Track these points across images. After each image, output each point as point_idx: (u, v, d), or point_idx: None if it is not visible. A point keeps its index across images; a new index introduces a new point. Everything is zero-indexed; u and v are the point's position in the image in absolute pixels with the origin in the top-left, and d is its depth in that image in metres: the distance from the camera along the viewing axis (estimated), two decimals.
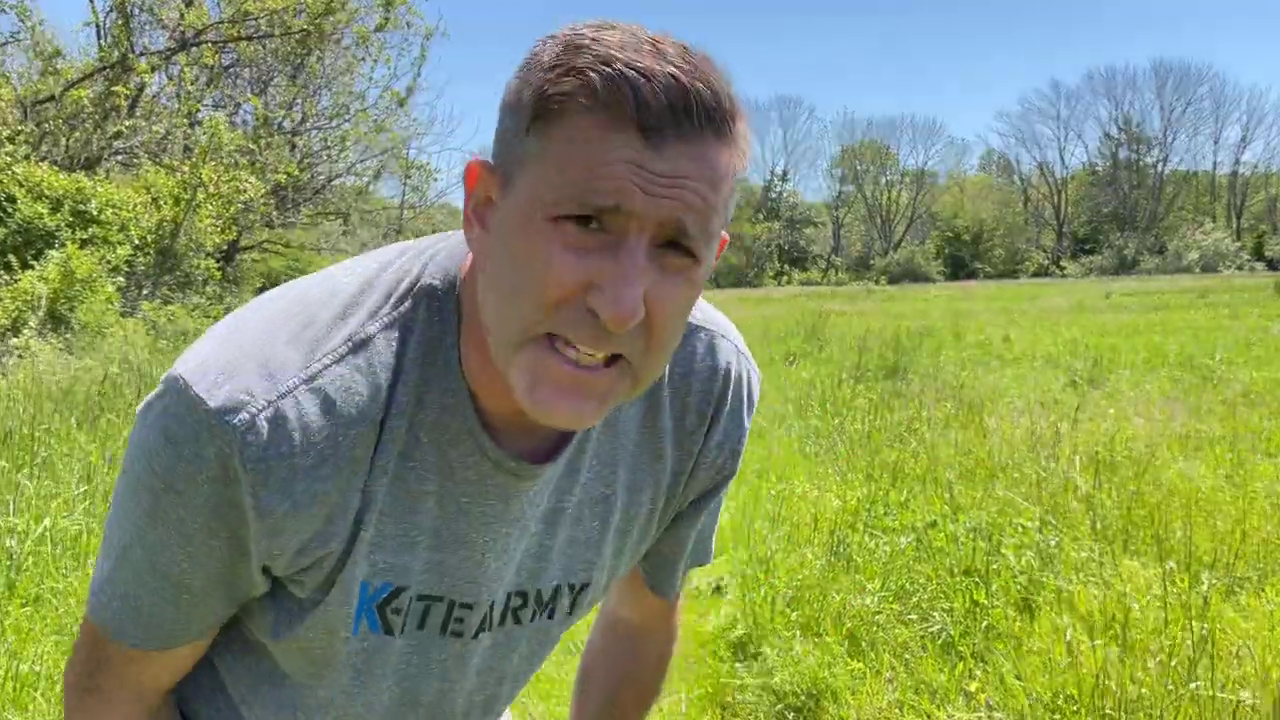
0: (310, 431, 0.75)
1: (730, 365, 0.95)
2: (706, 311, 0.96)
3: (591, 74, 0.66)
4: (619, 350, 0.71)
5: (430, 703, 0.94)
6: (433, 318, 0.80)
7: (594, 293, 0.68)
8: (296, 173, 18.29)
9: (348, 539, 0.80)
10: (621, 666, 1.16)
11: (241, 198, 15.23)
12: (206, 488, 0.75)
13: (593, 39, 0.68)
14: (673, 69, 0.67)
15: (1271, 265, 58.97)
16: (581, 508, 0.91)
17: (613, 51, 0.67)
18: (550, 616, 0.96)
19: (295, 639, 0.86)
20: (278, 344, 0.77)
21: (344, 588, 0.82)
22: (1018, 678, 2.77)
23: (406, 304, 0.80)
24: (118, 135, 14.71)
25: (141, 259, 13.22)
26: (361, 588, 0.83)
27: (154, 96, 16.55)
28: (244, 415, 0.73)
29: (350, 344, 0.78)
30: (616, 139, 0.66)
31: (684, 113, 0.67)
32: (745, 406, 0.98)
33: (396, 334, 0.79)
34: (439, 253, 0.83)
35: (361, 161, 23.86)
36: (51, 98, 13.96)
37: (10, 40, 14.42)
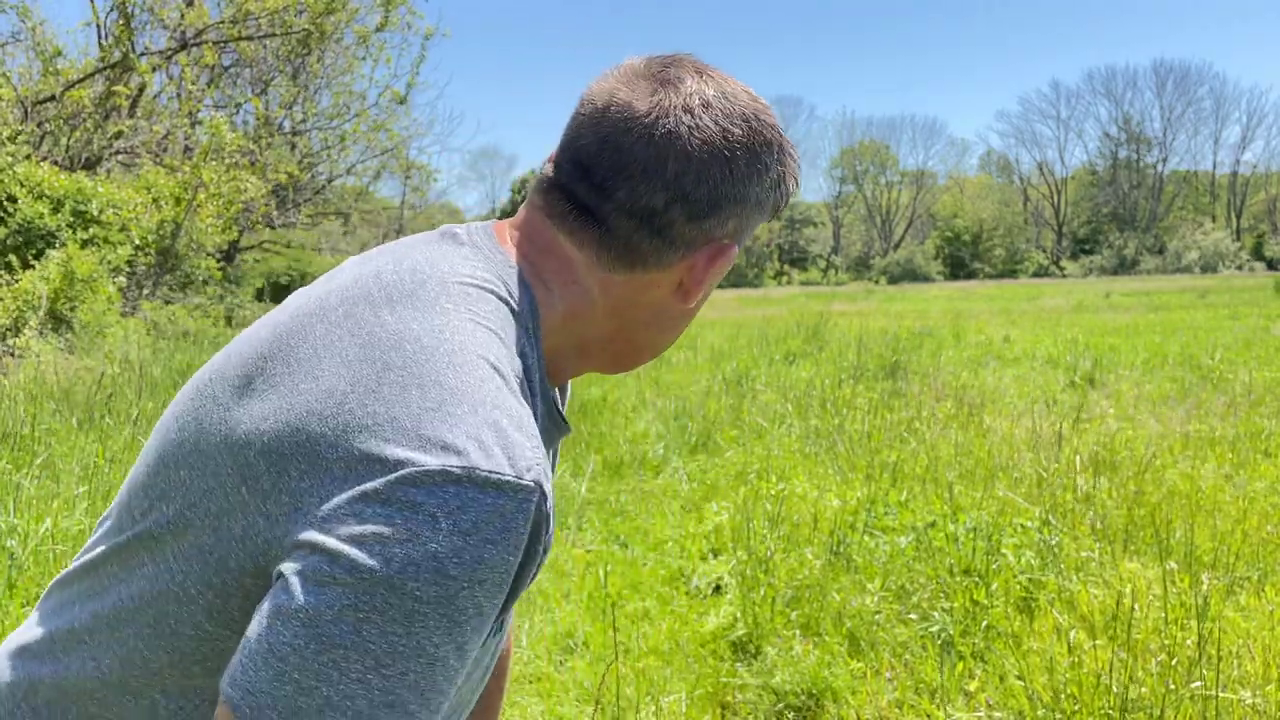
0: (545, 462, 0.72)
1: None
2: None
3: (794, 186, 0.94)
4: None
5: (459, 706, 0.92)
6: (531, 340, 0.83)
7: None
8: (297, 172, 18.30)
9: None
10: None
11: (242, 198, 15.24)
12: (511, 558, 0.66)
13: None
14: None
15: (1271, 265, 58.98)
16: None
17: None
18: None
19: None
20: (488, 390, 0.71)
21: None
22: (1019, 677, 2.77)
23: (512, 331, 0.80)
24: (118, 135, 14.72)
25: (142, 259, 13.23)
26: None
27: (154, 96, 16.56)
28: (536, 468, 0.68)
29: (507, 376, 0.77)
30: None
31: None
32: None
33: (519, 363, 0.80)
34: (508, 279, 0.84)
35: (362, 161, 23.89)
36: (52, 98, 13.97)
37: (10, 40, 14.43)
